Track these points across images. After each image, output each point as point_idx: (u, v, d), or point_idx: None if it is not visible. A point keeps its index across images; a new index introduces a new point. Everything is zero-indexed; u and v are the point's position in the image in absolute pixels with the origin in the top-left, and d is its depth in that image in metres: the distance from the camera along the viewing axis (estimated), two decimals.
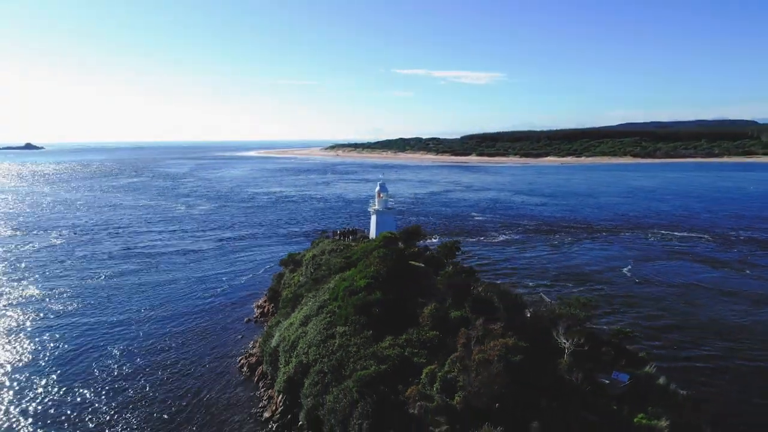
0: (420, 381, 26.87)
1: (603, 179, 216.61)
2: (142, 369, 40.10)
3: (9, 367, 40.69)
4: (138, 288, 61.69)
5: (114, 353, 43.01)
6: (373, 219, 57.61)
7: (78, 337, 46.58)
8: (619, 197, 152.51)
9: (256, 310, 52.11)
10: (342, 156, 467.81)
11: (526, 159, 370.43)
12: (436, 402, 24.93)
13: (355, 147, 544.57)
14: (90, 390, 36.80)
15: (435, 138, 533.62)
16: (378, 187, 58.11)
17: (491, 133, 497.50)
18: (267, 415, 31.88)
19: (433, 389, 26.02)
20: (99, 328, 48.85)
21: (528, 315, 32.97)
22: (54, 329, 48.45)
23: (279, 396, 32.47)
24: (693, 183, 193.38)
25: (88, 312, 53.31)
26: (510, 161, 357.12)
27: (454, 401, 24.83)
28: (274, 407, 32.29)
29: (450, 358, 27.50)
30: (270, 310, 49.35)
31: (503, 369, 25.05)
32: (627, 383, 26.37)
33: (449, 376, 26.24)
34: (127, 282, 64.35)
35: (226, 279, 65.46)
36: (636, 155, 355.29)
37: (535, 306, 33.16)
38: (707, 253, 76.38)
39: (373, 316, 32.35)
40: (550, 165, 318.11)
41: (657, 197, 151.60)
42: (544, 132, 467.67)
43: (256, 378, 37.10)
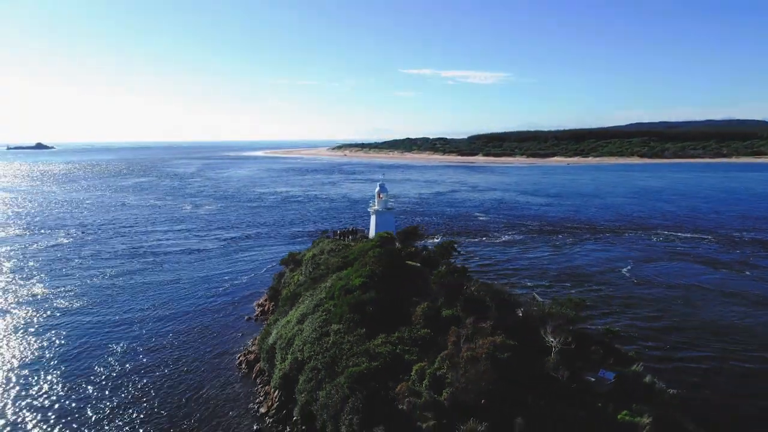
0: (410, 378, 27.49)
1: (609, 179, 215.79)
2: (143, 366, 41.00)
3: (15, 363, 41.75)
4: (142, 287, 62.71)
5: (116, 350, 43.97)
6: (373, 219, 58.13)
7: (82, 335, 47.60)
8: (625, 198, 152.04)
9: (256, 308, 52.88)
10: (349, 156, 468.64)
11: (533, 159, 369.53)
12: (424, 398, 25.51)
13: (362, 147, 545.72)
14: (93, 386, 37.74)
15: (442, 138, 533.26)
16: (378, 188, 58.67)
17: (498, 133, 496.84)
18: (263, 411, 32.65)
19: (422, 386, 26.62)
20: (103, 325, 49.87)
21: (520, 314, 33.49)
22: (59, 326, 49.51)
23: (275, 392, 33.24)
24: (700, 183, 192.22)
25: (92, 310, 54.38)
26: (517, 161, 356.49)
27: (441, 397, 25.42)
28: (270, 403, 33.05)
29: (440, 355, 28.08)
30: (270, 308, 50.04)
31: (490, 366, 25.61)
32: (613, 381, 26.78)
33: (438, 373, 26.82)
34: (132, 281, 65.40)
35: (228, 278, 66.33)
36: (643, 155, 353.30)
37: (527, 305, 33.62)
38: (709, 254, 76.17)
39: (367, 314, 32.99)
40: (556, 165, 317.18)
41: (663, 198, 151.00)
42: (551, 132, 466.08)
43: (253, 375, 37.86)
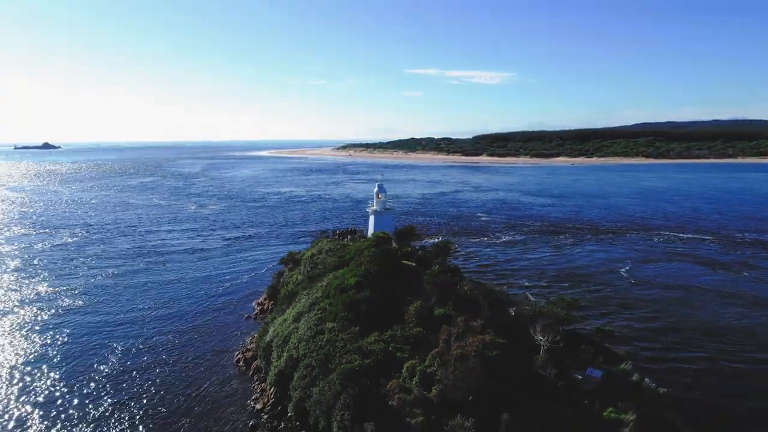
0: (401, 375, 28.04)
1: (613, 180, 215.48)
2: (144, 364, 41.68)
3: (19, 360, 42.56)
4: (144, 286, 63.48)
5: (118, 348, 44.70)
6: (372, 219, 58.65)
7: (85, 333, 48.39)
8: (628, 198, 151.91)
9: (256, 307, 53.54)
10: (353, 156, 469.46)
11: (537, 159, 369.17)
12: (414, 395, 26.06)
13: (367, 147, 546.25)
14: (94, 383, 38.45)
15: (447, 138, 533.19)
16: (376, 188, 59.21)
17: (503, 134, 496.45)
18: (259, 407, 33.27)
19: (413, 383, 27.17)
20: (105, 324, 50.64)
21: (512, 313, 33.96)
22: (62, 324, 50.34)
23: (271, 388, 33.87)
24: (705, 184, 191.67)
25: (95, 308, 55.18)
26: (521, 161, 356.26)
27: (431, 394, 25.96)
28: (266, 399, 33.69)
29: (431, 353, 28.63)
30: (269, 307, 50.65)
31: (479, 364, 26.14)
32: (600, 379, 27.22)
33: (429, 370, 27.37)
34: (134, 280, 66.20)
35: (229, 277, 67.03)
36: (648, 156, 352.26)
37: (518, 305, 34.07)
38: (709, 255, 76.22)
39: (361, 313, 33.55)
40: (561, 165, 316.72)
41: (666, 198, 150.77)
42: (556, 132, 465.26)
43: (251, 372, 38.49)
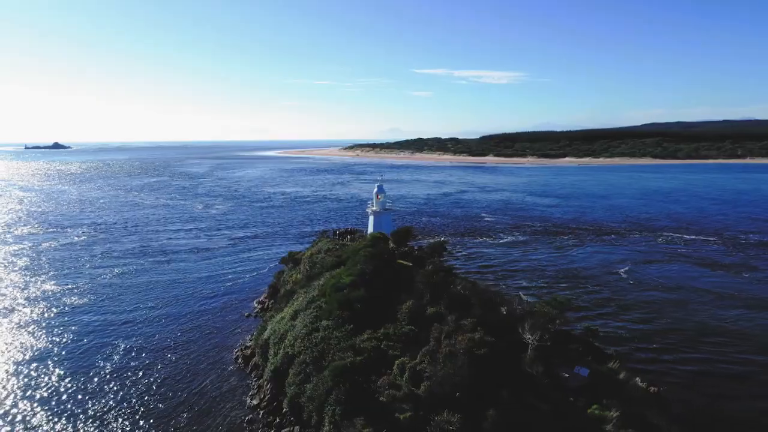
0: (392, 372, 28.75)
1: (619, 181, 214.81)
2: (146, 361, 42.60)
3: (23, 357, 43.61)
4: (148, 285, 64.55)
5: (120, 346, 45.68)
6: (371, 219, 59.39)
7: (88, 331, 49.41)
8: (633, 199, 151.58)
9: (257, 305, 54.41)
10: (360, 156, 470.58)
11: (543, 160, 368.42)
12: (403, 391, 26.77)
13: (373, 147, 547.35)
14: (95, 380, 39.34)
15: (454, 138, 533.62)
16: (376, 189, 59.93)
17: (510, 134, 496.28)
18: (255, 403, 34.12)
19: (403, 379, 27.87)
20: (108, 322, 51.65)
21: (504, 312, 34.55)
22: (66, 322, 51.41)
23: (267, 385, 34.73)
24: (712, 185, 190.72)
25: (99, 307, 56.26)
26: (527, 162, 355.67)
27: (419, 390, 26.64)
28: (262, 395, 34.54)
29: (422, 350, 29.32)
30: (269, 305, 51.51)
31: (467, 361, 26.81)
32: (587, 377, 27.76)
33: (418, 367, 28.04)
34: (139, 279, 67.31)
35: (233, 276, 67.99)
36: (656, 156, 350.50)
37: (509, 304, 34.65)
38: (711, 256, 76.23)
39: (355, 311, 34.31)
40: (567, 166, 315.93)
41: (672, 199, 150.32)
42: (563, 132, 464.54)
43: (249, 369, 39.33)
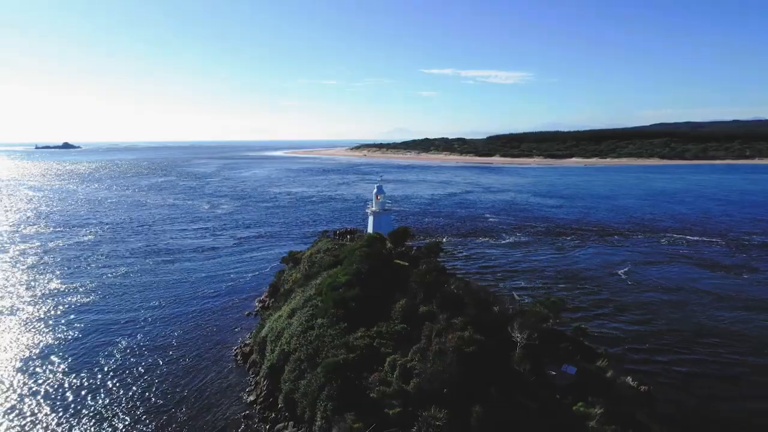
0: (383, 369, 29.40)
1: (625, 181, 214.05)
2: (147, 359, 43.49)
3: (27, 354, 44.68)
4: (152, 284, 65.54)
5: (123, 344, 46.65)
6: (371, 220, 60.05)
7: (93, 329, 50.45)
8: (638, 200, 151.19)
9: (257, 304, 55.28)
10: (366, 156, 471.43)
11: (550, 160, 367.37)
12: (393, 387, 27.41)
13: (380, 147, 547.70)
14: (97, 377, 40.27)
15: (461, 138, 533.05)
16: (375, 189, 60.58)
17: (517, 134, 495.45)
18: (252, 399, 34.92)
19: (394, 376, 28.51)
20: (112, 321, 52.65)
21: (496, 311, 35.08)
22: (71, 320, 52.46)
23: (263, 381, 35.52)
24: (718, 185, 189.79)
25: (103, 305, 57.29)
26: (534, 162, 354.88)
27: (409, 387, 27.28)
28: (258, 392, 35.33)
29: (413, 348, 29.96)
30: (270, 304, 52.29)
31: (456, 359, 27.40)
32: (574, 375, 28.27)
33: (409, 364, 28.68)
34: (143, 278, 68.34)
35: (235, 276, 68.91)
36: (663, 157, 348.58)
37: (501, 303, 35.18)
38: (712, 257, 76.14)
39: (350, 309, 34.99)
40: (574, 166, 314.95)
41: (677, 200, 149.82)
42: (570, 133, 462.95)
43: (247, 366, 40.15)
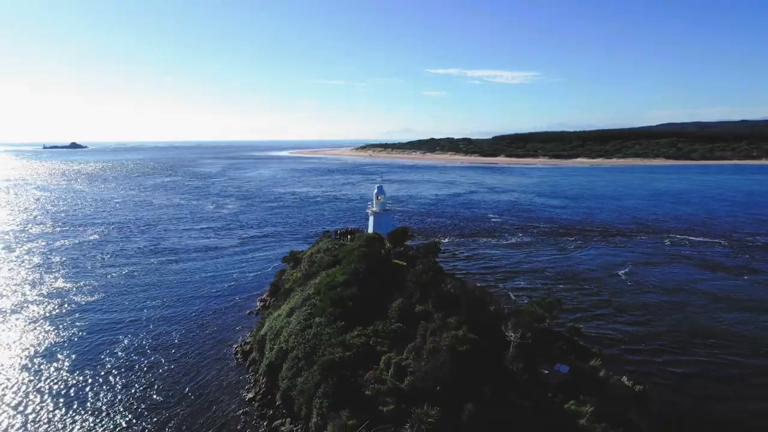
0: (378, 367, 29.88)
1: (631, 182, 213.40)
2: (149, 357, 44.15)
3: (33, 351, 45.51)
4: (156, 283, 66.30)
5: (126, 342, 47.37)
6: (371, 220, 60.52)
7: (97, 327, 51.23)
8: (643, 200, 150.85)
9: (258, 303, 55.93)
10: (372, 156, 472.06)
11: (555, 160, 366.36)
12: (387, 385, 27.89)
13: (385, 147, 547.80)
14: (100, 373, 41.00)
15: (466, 138, 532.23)
16: (376, 190, 61.04)
17: (522, 134, 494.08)
18: (251, 396, 35.52)
19: (388, 374, 28.99)
20: (116, 319, 53.41)
21: (492, 311, 35.48)
22: (76, 319, 53.24)
23: (262, 378, 36.12)
24: (723, 186, 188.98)
25: (108, 304, 58.11)
26: (539, 162, 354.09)
27: (403, 384, 27.75)
28: (257, 389, 35.93)
29: (408, 347, 30.44)
30: (270, 303, 52.88)
31: (450, 357, 27.85)
32: (567, 374, 28.63)
33: (403, 363, 29.15)
34: (147, 277, 69.12)
35: (238, 275, 69.61)
36: (670, 157, 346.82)
37: (496, 303, 35.56)
38: (713, 258, 76.05)
39: (347, 308, 35.50)
40: (579, 167, 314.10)
41: (683, 200, 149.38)
42: (576, 133, 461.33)
43: (247, 364, 40.76)
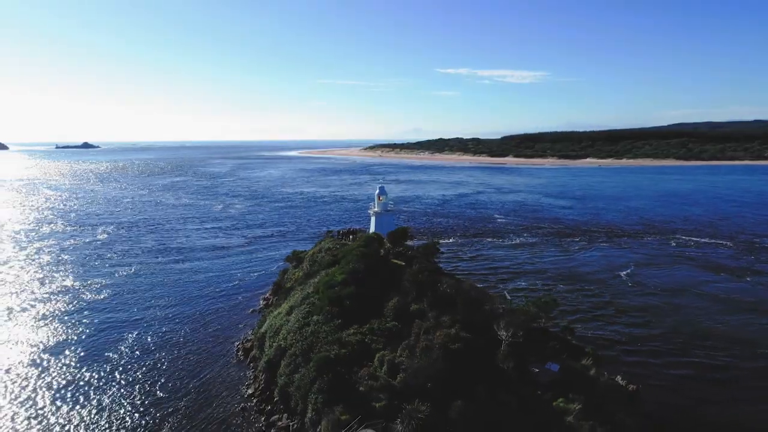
0: (372, 364, 30.56)
1: (639, 182, 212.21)
2: (152, 354, 45.09)
3: (40, 348, 46.66)
4: (162, 283, 67.33)
5: (130, 339, 48.40)
6: (373, 220, 61.18)
7: (102, 325, 52.31)
8: (650, 201, 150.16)
9: (261, 301, 56.86)
10: (381, 156, 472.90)
11: (564, 161, 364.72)
12: (380, 381, 28.56)
13: (393, 147, 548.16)
14: (104, 370, 41.99)
15: (475, 138, 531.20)
16: (378, 190, 61.70)
17: (531, 134, 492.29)
18: (250, 392, 36.40)
19: (382, 371, 29.67)
20: (121, 317, 54.47)
21: (488, 310, 35.99)
22: (83, 317, 54.33)
23: (261, 375, 36.96)
24: (734, 187, 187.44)
25: (114, 302, 59.22)
26: (548, 163, 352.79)
27: (395, 381, 28.41)
28: (256, 385, 36.80)
29: (402, 344, 31.09)
30: (273, 301, 53.80)
31: (442, 355, 28.48)
32: (557, 372, 29.11)
33: (397, 360, 29.82)
34: (154, 277, 70.26)
35: (243, 274, 70.60)
36: (680, 157, 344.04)
37: (491, 302, 36.07)
38: (717, 260, 75.79)
39: (345, 307, 36.23)
40: (588, 167, 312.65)
41: (691, 201, 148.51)
42: (585, 133, 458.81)
43: (248, 360, 41.64)
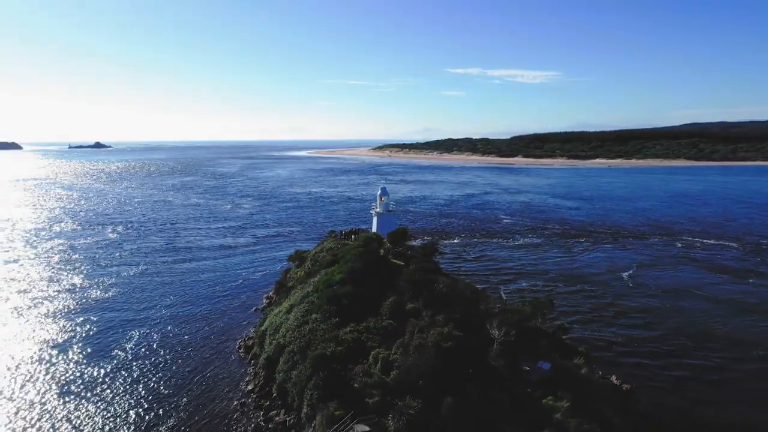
0: (367, 361, 31.24)
1: (648, 183, 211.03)
2: (156, 351, 46.11)
3: (48, 343, 47.91)
4: (169, 281, 68.41)
5: (135, 336, 49.46)
6: (375, 220, 61.82)
7: (109, 322, 53.51)
8: (658, 201, 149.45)
9: (264, 300, 57.72)
10: (389, 156, 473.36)
11: (573, 161, 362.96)
12: (374, 378, 29.23)
13: (402, 147, 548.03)
14: (109, 365, 43.09)
15: (485, 138, 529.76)
16: (379, 191, 62.33)
17: (541, 134, 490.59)
18: (250, 388, 37.27)
19: (376, 368, 30.34)
20: (128, 315, 55.62)
21: (483, 309, 36.53)
22: (90, 314, 55.61)
23: (261, 372, 37.80)
24: (744, 188, 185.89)
25: (121, 300, 60.47)
26: (556, 163, 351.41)
27: (389, 378, 29.06)
28: (256, 381, 37.66)
29: (396, 342, 31.73)
30: (275, 300, 54.61)
31: (434, 353, 29.09)
32: (548, 371, 29.59)
33: (391, 357, 30.47)
34: (161, 275, 71.43)
35: (248, 273, 71.59)
36: (691, 158, 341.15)
37: (485, 302, 36.60)
38: (722, 261, 75.57)
39: (342, 306, 36.94)
40: (597, 168, 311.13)
41: (700, 202, 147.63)
42: (595, 133, 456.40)
43: (249, 357, 42.50)
